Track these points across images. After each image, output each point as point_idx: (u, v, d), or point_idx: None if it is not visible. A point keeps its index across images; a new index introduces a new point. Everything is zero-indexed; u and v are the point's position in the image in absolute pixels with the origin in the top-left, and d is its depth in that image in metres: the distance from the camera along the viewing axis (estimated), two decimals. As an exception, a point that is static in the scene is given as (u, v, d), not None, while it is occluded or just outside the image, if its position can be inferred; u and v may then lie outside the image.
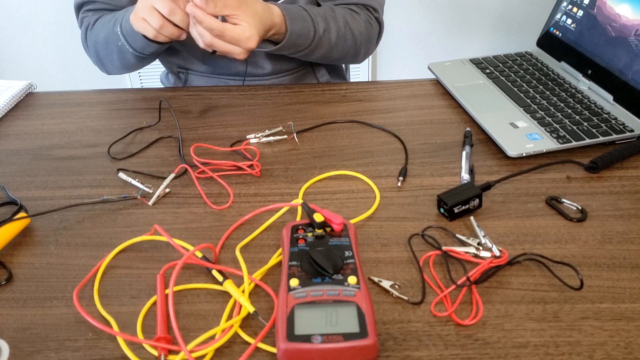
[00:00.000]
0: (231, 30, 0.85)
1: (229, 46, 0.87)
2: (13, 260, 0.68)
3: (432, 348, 0.56)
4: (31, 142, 0.90)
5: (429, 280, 0.63)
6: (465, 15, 2.22)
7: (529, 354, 0.55)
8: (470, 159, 0.82)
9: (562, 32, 1.03)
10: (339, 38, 1.02)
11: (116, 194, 0.78)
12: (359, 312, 0.54)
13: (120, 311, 0.61)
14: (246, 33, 0.86)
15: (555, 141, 0.83)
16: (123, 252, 0.69)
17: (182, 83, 1.18)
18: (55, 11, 2.16)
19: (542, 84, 0.98)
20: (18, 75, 2.29)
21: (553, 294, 0.61)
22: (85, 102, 1.01)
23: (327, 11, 1.02)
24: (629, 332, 0.56)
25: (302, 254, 0.61)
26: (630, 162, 0.81)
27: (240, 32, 0.85)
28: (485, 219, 0.71)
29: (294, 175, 0.81)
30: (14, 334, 0.59)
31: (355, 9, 1.07)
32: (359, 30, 1.05)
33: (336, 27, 1.01)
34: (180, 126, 0.93)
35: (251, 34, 0.86)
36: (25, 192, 0.79)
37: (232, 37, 0.85)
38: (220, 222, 0.73)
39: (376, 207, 0.74)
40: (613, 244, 0.67)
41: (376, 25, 1.10)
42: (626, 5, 0.90)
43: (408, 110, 0.95)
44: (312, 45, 1.00)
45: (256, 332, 0.58)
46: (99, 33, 1.03)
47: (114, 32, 0.98)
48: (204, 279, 0.64)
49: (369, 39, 1.08)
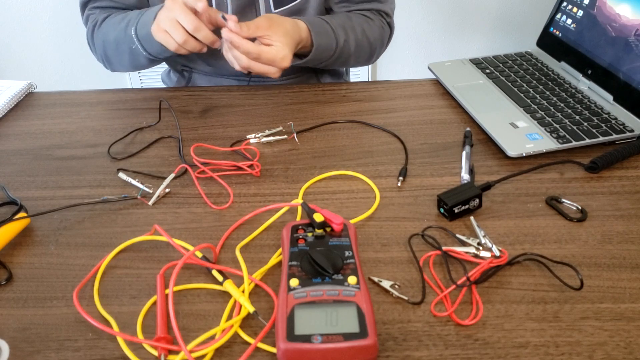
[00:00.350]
0: (267, 52, 0.87)
1: (265, 67, 0.89)
2: (13, 260, 0.68)
3: (432, 348, 0.56)
4: (31, 142, 0.90)
5: (429, 280, 0.63)
6: (465, 15, 2.22)
7: (529, 354, 0.55)
8: (470, 159, 0.82)
9: (562, 32, 1.03)
10: (357, 46, 1.04)
11: (116, 194, 0.78)
12: (359, 312, 0.54)
13: (120, 311, 0.61)
14: (280, 53, 0.88)
15: (555, 141, 0.83)
16: (123, 252, 0.68)
17: (186, 81, 1.18)
18: (55, 11, 2.16)
19: (542, 84, 0.98)
20: (18, 75, 2.29)
21: (553, 294, 0.61)
22: (86, 102, 1.01)
23: (345, 21, 1.04)
24: (629, 332, 0.56)
25: (302, 254, 0.61)
26: (630, 162, 0.81)
27: (275, 52, 0.87)
28: (485, 219, 0.71)
29: (294, 175, 0.81)
30: (14, 334, 0.59)
31: (369, 15, 1.09)
32: (374, 36, 1.07)
33: (354, 36, 1.03)
34: (181, 126, 0.93)
35: (285, 54, 0.88)
36: (25, 192, 0.79)
37: (268, 58, 0.87)
38: (220, 222, 0.73)
39: (376, 207, 0.74)
40: (613, 244, 0.67)
41: (388, 29, 1.13)
42: (626, 5, 0.90)
43: (408, 110, 0.95)
44: (334, 56, 1.02)
45: (256, 332, 0.58)
46: (108, 33, 1.03)
47: (126, 35, 0.98)
48: (204, 279, 0.64)
49: (381, 44, 1.11)
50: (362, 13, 1.09)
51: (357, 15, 1.08)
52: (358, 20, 1.06)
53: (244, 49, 0.86)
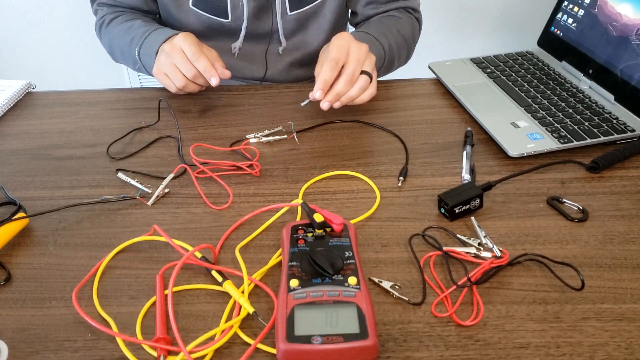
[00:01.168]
0: (359, 89, 0.86)
1: (366, 95, 0.88)
2: (12, 261, 0.68)
3: (433, 349, 0.55)
4: (30, 142, 0.90)
5: (430, 280, 0.62)
6: (466, 15, 2.22)
7: (530, 355, 0.54)
8: (471, 159, 0.82)
9: (563, 32, 1.03)
10: (399, 48, 1.05)
11: (115, 194, 0.78)
12: (359, 313, 0.54)
13: (120, 312, 0.60)
14: (367, 79, 0.87)
15: (556, 141, 0.82)
16: (122, 252, 0.68)
17: None
18: (55, 11, 2.16)
19: (543, 84, 0.97)
20: (18, 75, 2.28)
21: (554, 294, 0.60)
22: (84, 102, 1.01)
23: (379, 26, 1.04)
24: (630, 332, 0.56)
25: (302, 254, 0.61)
26: (631, 162, 0.81)
27: (364, 82, 0.86)
28: (486, 219, 0.71)
29: (294, 175, 0.80)
30: (12, 334, 0.58)
31: (397, 14, 1.10)
32: (407, 35, 1.08)
33: (394, 39, 1.04)
34: (180, 126, 0.92)
35: (370, 80, 0.88)
36: (24, 192, 0.79)
37: (362, 87, 0.87)
38: (220, 222, 0.72)
39: (376, 207, 0.73)
40: (614, 244, 0.67)
41: (417, 24, 1.14)
42: (627, 5, 0.90)
43: (408, 110, 0.95)
44: (384, 64, 1.02)
45: (256, 333, 0.57)
46: (114, 39, 1.06)
47: (130, 52, 1.01)
48: (204, 279, 0.64)
49: (414, 40, 1.12)
50: (390, 13, 1.10)
51: (386, 17, 1.09)
52: (391, 22, 1.07)
53: (347, 100, 0.86)
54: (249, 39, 1.08)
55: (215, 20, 1.05)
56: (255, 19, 1.05)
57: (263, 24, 1.06)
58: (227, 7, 1.03)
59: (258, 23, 1.06)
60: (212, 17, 1.04)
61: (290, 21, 1.06)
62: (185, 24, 1.06)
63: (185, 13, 1.05)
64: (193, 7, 1.04)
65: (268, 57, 1.11)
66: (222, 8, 1.03)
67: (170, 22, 1.10)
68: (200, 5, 1.03)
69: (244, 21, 1.04)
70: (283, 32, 1.07)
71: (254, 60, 1.12)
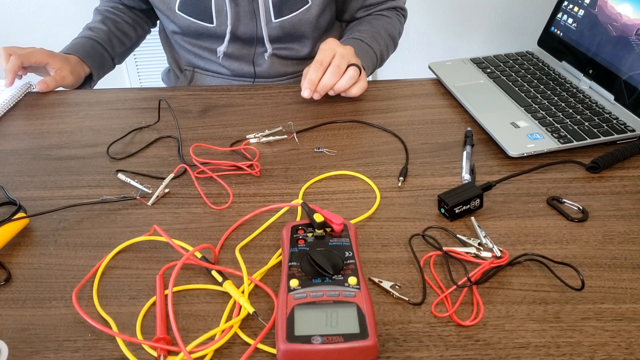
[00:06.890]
0: (349, 78, 0.92)
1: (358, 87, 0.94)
2: (12, 261, 0.68)
3: (433, 349, 0.55)
4: (30, 142, 0.90)
5: (430, 280, 0.62)
6: (466, 15, 2.22)
7: (530, 355, 0.54)
8: (471, 159, 0.82)
9: (563, 32, 1.03)
10: (387, 48, 1.14)
11: (115, 194, 0.78)
12: (359, 313, 0.54)
13: (120, 312, 0.60)
14: (356, 70, 0.92)
15: (557, 141, 0.82)
16: (122, 252, 0.68)
17: (187, 81, 1.18)
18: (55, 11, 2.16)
19: (543, 84, 0.97)
20: (18, 75, 2.28)
21: (554, 294, 0.60)
22: (84, 102, 1.01)
23: (370, 29, 1.11)
24: (630, 332, 0.56)
25: (302, 254, 0.61)
26: (631, 162, 0.81)
27: (353, 72, 0.92)
28: (486, 219, 0.71)
29: (294, 175, 0.80)
30: (12, 334, 0.58)
31: (387, 14, 1.17)
32: (395, 32, 1.17)
33: (384, 42, 1.12)
34: (180, 126, 0.92)
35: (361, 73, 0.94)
36: (24, 192, 0.79)
37: (352, 76, 0.92)
38: (220, 222, 0.72)
39: (376, 207, 0.73)
40: (614, 244, 0.67)
41: (403, 19, 1.22)
42: (627, 5, 0.90)
43: (408, 110, 0.95)
44: (375, 68, 1.12)
45: (256, 333, 0.57)
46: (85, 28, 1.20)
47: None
48: (204, 279, 0.64)
49: (399, 33, 1.21)
50: (381, 13, 1.16)
51: (376, 18, 1.15)
52: (380, 24, 1.13)
53: (339, 89, 0.92)
54: (235, 43, 1.09)
55: (201, 25, 1.06)
56: (240, 24, 1.06)
57: (248, 29, 1.07)
58: (212, 12, 1.03)
59: (242, 28, 1.07)
60: (197, 22, 1.05)
61: (275, 28, 1.07)
62: (177, 26, 1.10)
63: (174, 17, 1.06)
64: (179, 12, 1.05)
65: (255, 60, 1.13)
66: (207, 13, 1.04)
67: (165, 23, 1.13)
68: (186, 10, 1.05)
69: (228, 25, 1.05)
70: (268, 38, 1.08)
71: (242, 61, 1.13)
